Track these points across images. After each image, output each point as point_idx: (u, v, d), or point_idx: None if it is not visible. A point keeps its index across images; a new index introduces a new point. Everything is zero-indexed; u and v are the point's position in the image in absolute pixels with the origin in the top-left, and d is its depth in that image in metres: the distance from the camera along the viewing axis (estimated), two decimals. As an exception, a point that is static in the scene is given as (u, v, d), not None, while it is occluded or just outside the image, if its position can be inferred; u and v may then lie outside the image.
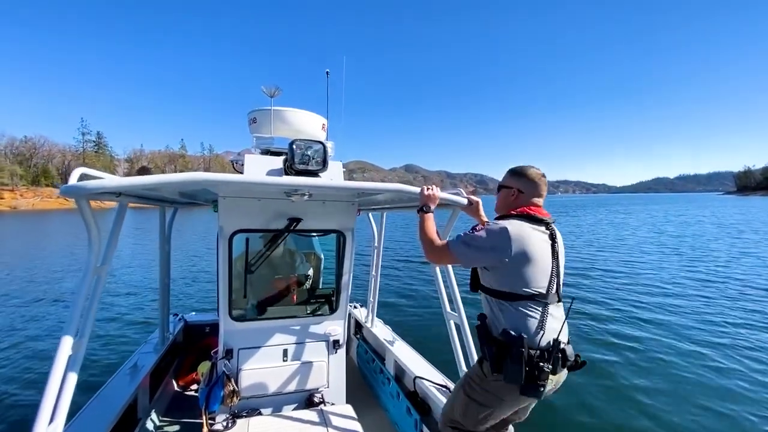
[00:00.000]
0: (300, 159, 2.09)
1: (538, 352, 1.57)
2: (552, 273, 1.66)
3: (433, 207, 1.95)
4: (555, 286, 1.67)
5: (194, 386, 3.66)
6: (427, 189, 1.96)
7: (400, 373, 3.18)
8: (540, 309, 1.63)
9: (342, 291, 2.88)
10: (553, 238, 1.71)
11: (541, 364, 1.54)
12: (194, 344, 3.99)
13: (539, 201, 1.81)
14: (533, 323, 1.61)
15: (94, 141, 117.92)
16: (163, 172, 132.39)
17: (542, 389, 1.55)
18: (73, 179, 1.47)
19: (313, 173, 2.14)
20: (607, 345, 6.25)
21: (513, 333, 1.59)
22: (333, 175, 2.44)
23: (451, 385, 2.69)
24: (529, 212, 1.73)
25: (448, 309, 2.48)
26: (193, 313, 4.51)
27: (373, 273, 3.99)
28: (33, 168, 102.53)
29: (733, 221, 31.17)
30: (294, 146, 2.09)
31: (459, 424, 1.84)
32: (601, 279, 11.11)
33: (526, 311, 1.62)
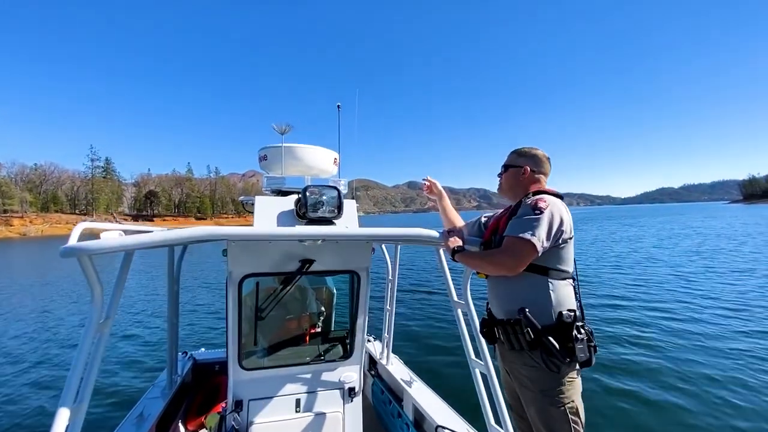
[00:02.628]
0: (314, 207, 2.00)
1: (583, 322, 1.58)
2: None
3: (465, 245, 1.88)
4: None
5: (203, 431, 3.47)
6: (449, 232, 1.93)
7: (420, 418, 2.98)
8: (574, 283, 1.64)
9: (357, 333, 2.73)
10: None
11: (589, 332, 1.57)
12: (204, 384, 3.82)
13: (545, 180, 1.86)
14: (572, 297, 1.61)
15: (102, 167, 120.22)
16: (170, 195, 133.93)
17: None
18: (73, 238, 1.35)
19: (328, 221, 2.04)
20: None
21: (567, 313, 1.55)
22: (348, 220, 2.33)
23: None
24: (551, 191, 1.76)
25: (473, 356, 2.33)
26: (203, 349, 4.34)
27: (388, 307, 3.84)
28: (42, 195, 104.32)
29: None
30: (308, 192, 2.00)
31: None
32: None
33: (568, 286, 1.62)
